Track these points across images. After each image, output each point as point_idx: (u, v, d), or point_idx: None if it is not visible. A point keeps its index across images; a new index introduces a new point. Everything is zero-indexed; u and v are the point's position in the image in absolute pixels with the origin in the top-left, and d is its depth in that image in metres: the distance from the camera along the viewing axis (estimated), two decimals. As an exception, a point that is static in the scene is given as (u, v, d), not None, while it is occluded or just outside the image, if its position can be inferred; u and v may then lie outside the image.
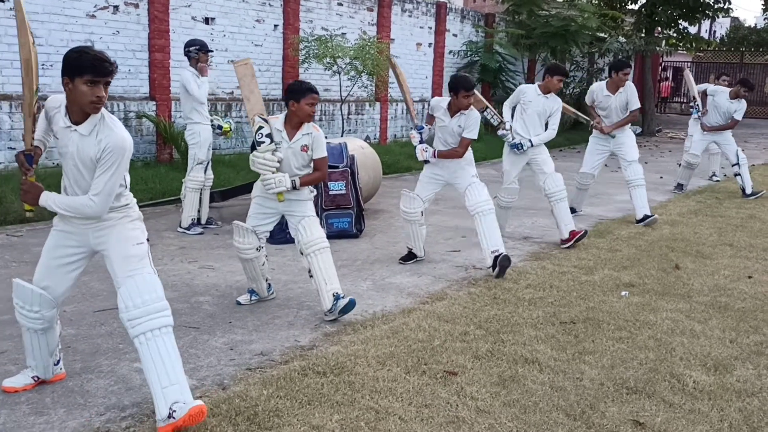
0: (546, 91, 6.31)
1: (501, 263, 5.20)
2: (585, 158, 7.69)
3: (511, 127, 6.33)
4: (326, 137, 4.54)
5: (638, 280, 5.31)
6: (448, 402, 3.19)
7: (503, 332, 4.11)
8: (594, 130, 7.47)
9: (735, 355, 3.84)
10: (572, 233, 6.33)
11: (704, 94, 9.49)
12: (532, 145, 6.27)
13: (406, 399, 3.20)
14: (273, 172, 4.22)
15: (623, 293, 4.96)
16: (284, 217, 4.48)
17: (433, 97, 14.99)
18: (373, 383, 3.34)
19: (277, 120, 4.34)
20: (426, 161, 5.45)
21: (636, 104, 7.22)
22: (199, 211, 6.58)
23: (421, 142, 5.42)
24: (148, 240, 3.05)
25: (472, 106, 5.35)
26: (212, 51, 6.76)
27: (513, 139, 6.30)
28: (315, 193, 4.53)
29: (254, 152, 4.29)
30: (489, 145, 12.94)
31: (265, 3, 10.94)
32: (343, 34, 11.52)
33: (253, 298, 4.58)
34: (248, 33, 10.74)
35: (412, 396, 3.23)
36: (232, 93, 10.62)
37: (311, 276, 4.29)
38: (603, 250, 6.24)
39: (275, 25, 11.15)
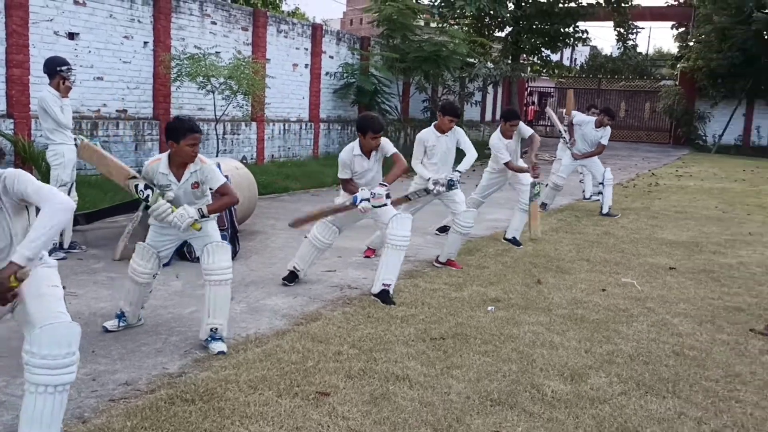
0: (441, 130, 6.35)
1: (385, 302, 5.20)
2: (481, 187, 7.84)
3: (436, 182, 6.17)
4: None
5: (504, 295, 5.56)
6: (320, 423, 3.20)
7: (376, 350, 4.18)
8: (497, 164, 7.58)
9: (589, 365, 4.11)
10: (450, 262, 6.52)
11: (571, 124, 10.10)
12: (461, 173, 6.30)
13: (277, 422, 3.19)
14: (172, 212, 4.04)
15: (489, 308, 5.18)
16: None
17: (310, 117, 15.08)
18: (243, 408, 3.30)
19: (160, 162, 4.14)
20: (385, 204, 5.25)
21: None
22: (61, 234, 6.25)
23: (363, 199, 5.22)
24: None
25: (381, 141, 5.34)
26: (74, 68, 6.48)
27: (443, 186, 6.17)
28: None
29: (148, 210, 4.09)
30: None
31: (134, 19, 10.61)
32: (217, 53, 11.37)
33: (122, 323, 4.40)
34: (116, 49, 10.38)
35: (283, 419, 3.22)
36: (98, 110, 10.20)
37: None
38: (472, 267, 6.49)
39: (145, 42, 10.83)
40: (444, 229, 8.11)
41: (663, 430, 3.30)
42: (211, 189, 4.26)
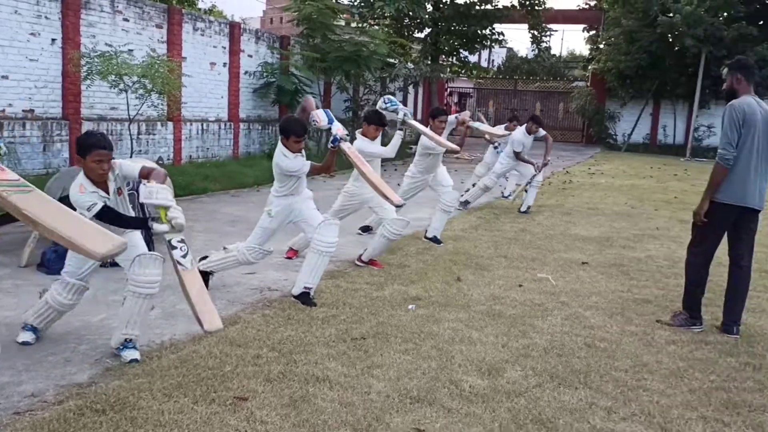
0: (367, 137, 6.50)
1: (305, 303, 5.15)
2: (402, 191, 7.85)
3: (402, 121, 6.73)
4: (114, 158, 4.18)
5: (424, 293, 5.61)
6: (237, 429, 3.15)
7: (296, 352, 4.14)
8: (416, 168, 7.72)
9: (506, 359, 4.20)
10: (372, 261, 6.52)
11: (518, 156, 10.21)
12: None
13: (192, 430, 3.11)
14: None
15: (410, 306, 5.22)
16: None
17: (229, 116, 14.82)
18: (157, 417, 3.21)
19: (84, 185, 3.91)
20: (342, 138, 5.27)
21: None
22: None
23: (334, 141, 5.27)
24: None
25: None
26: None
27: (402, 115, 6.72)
28: None
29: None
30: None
31: (41, 15, 10.15)
32: (130, 50, 11.02)
33: (37, 335, 4.20)
34: (21, 47, 9.90)
35: (199, 426, 3.15)
36: (3, 111, 9.70)
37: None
38: (393, 266, 6.52)
39: (53, 39, 10.38)
40: (366, 229, 8.13)
41: (575, 420, 3.41)
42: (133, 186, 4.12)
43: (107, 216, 3.86)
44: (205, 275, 5.56)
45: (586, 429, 3.32)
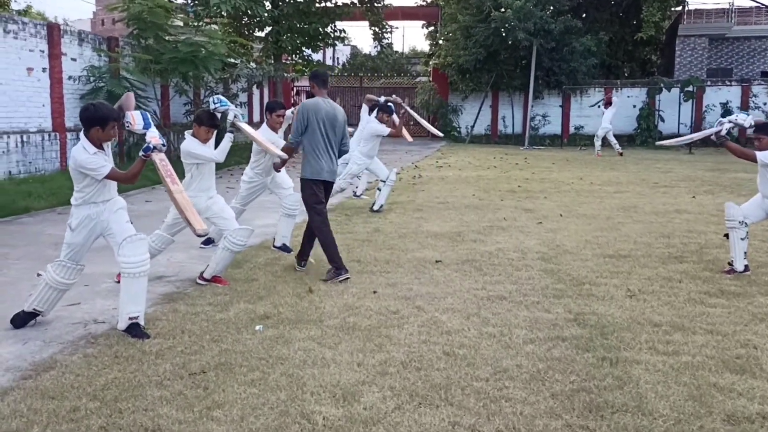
0: (199, 138, 6.20)
1: (136, 336, 4.54)
2: (241, 197, 7.50)
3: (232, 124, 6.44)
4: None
5: (273, 311, 5.18)
6: None
7: (122, 399, 3.58)
8: (253, 171, 7.38)
9: (362, 380, 3.87)
10: (215, 278, 5.98)
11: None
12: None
13: None
14: None
15: (258, 327, 4.77)
16: None
17: (54, 126, 13.52)
18: None
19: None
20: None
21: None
22: None
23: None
24: None
25: None
26: None
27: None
28: None
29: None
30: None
31: None
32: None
33: None
34: None
35: None
36: None
37: None
38: (240, 282, 6.04)
39: None
40: (209, 242, 7.55)
41: (438, 445, 3.14)
42: None
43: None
44: (30, 316, 4.82)
45: (450, 454, 3.06)
